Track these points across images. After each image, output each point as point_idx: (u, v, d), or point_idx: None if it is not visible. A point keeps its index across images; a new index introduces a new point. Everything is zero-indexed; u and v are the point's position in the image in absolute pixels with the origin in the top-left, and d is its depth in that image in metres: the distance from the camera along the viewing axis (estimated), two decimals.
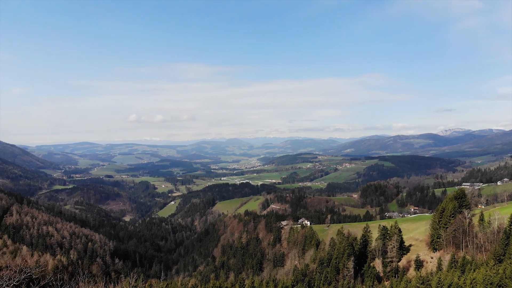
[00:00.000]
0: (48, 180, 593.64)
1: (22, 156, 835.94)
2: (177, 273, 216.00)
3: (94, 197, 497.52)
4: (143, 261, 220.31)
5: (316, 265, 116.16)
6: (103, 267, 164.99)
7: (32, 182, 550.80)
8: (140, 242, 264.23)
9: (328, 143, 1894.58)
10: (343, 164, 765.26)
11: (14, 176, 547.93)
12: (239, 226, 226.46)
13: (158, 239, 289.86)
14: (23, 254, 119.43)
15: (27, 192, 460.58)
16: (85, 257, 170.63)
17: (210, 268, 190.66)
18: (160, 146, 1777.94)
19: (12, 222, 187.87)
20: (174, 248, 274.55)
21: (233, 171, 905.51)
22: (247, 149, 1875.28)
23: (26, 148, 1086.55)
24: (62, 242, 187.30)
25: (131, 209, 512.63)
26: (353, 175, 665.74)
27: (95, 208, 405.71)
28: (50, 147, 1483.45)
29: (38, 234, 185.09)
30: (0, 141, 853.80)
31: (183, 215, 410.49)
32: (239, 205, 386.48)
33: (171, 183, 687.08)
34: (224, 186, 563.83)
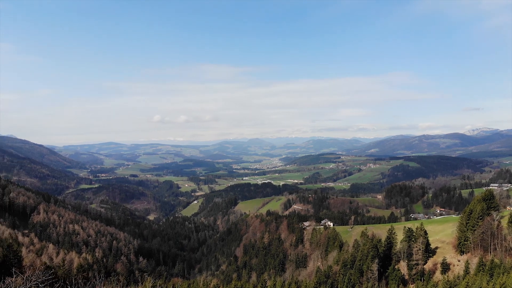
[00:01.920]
0: (74, 180, 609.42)
1: (49, 156, 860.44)
2: (200, 272, 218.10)
3: (119, 196, 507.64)
4: (166, 260, 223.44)
5: (340, 267, 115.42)
6: (128, 266, 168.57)
7: (59, 181, 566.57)
8: (164, 241, 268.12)
9: (352, 143, 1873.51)
10: (367, 164, 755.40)
11: (42, 176, 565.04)
12: (261, 226, 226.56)
13: (181, 238, 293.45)
14: (49, 252, 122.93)
15: (54, 191, 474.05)
16: (110, 255, 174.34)
17: (233, 268, 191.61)
18: (183, 146, 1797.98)
19: (39, 220, 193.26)
20: (197, 247, 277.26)
21: (254, 171, 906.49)
22: (269, 149, 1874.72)
23: (54, 148, 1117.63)
24: (87, 240, 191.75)
25: (155, 208, 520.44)
26: (377, 176, 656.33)
27: (120, 207, 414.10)
28: (77, 147, 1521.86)
29: (65, 233, 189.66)
30: (28, 141, 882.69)
31: (206, 214, 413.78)
32: (261, 205, 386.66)
33: (194, 182, 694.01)
34: (246, 186, 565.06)
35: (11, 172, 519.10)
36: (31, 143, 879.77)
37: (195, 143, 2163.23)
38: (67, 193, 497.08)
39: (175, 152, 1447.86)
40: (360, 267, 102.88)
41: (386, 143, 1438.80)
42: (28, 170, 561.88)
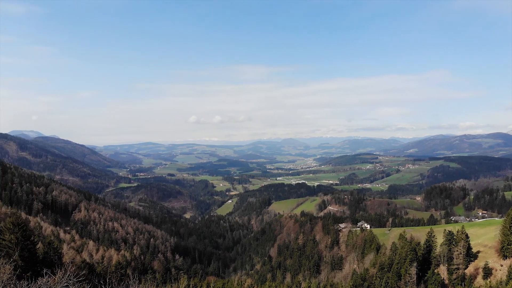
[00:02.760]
0: (114, 179, 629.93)
1: (90, 156, 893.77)
2: (234, 271, 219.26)
3: (157, 195, 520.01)
4: (202, 258, 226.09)
5: (376, 270, 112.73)
6: (164, 263, 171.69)
7: (100, 180, 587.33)
8: (200, 239, 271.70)
9: (390, 143, 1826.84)
10: (406, 165, 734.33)
11: (83, 175, 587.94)
12: (295, 226, 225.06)
13: (216, 236, 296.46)
14: (90, 248, 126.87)
15: (95, 189, 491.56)
16: (147, 252, 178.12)
17: (267, 268, 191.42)
18: (218, 146, 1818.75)
19: (80, 218, 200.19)
20: (231, 246, 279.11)
21: (288, 171, 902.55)
22: (303, 149, 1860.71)
23: (95, 148, 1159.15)
24: (126, 237, 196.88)
25: (191, 206, 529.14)
26: (416, 177, 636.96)
27: (157, 205, 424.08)
28: (117, 147, 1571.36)
29: (104, 230, 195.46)
30: (70, 142, 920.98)
31: (240, 213, 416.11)
32: (295, 206, 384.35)
33: (228, 182, 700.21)
34: (279, 186, 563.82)
35: (54, 171, 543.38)
36: (73, 143, 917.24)
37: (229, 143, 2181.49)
38: (107, 192, 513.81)
39: (210, 152, 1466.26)
40: (397, 271, 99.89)
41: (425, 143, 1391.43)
42: (70, 169, 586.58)
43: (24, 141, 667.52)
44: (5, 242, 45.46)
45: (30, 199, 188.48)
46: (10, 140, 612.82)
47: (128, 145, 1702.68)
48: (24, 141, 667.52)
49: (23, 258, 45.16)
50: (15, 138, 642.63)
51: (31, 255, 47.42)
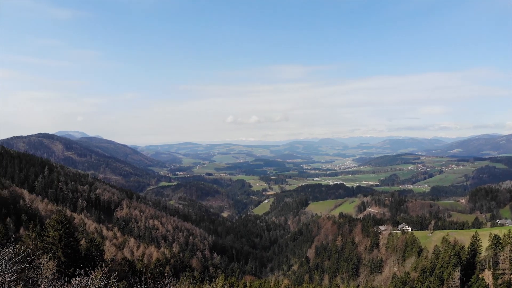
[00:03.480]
0: (155, 177, 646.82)
1: (132, 155, 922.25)
2: (271, 271, 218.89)
3: (196, 194, 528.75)
4: (239, 257, 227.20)
5: (418, 274, 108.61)
6: (202, 261, 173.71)
7: (141, 179, 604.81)
8: (237, 238, 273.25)
9: (432, 143, 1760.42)
10: (449, 165, 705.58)
11: (126, 174, 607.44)
12: (333, 228, 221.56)
13: (253, 236, 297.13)
14: (131, 245, 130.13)
15: (137, 188, 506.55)
16: (186, 250, 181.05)
17: (304, 269, 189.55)
18: (254, 146, 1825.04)
19: (122, 215, 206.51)
20: (268, 246, 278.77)
21: (326, 172, 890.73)
22: (341, 149, 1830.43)
23: (136, 148, 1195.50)
24: (166, 235, 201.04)
25: (229, 205, 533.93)
26: (460, 178, 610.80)
27: (196, 203, 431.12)
28: (157, 147, 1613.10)
29: (145, 227, 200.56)
30: (113, 142, 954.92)
31: (277, 213, 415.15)
32: (333, 207, 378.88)
33: (265, 182, 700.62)
34: (317, 186, 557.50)
35: (98, 170, 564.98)
36: (116, 143, 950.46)
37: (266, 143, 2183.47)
38: (148, 190, 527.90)
39: (246, 152, 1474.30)
40: (440, 275, 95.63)
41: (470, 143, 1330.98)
42: (113, 168, 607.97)
43: (70, 141, 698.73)
44: (49, 239, 47.12)
45: (75, 197, 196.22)
46: (57, 140, 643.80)
47: (168, 145, 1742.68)
48: (70, 141, 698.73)
49: (66, 254, 46.62)
50: (61, 138, 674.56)
51: (73, 251, 48.89)
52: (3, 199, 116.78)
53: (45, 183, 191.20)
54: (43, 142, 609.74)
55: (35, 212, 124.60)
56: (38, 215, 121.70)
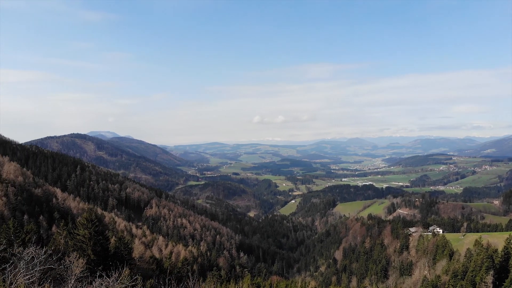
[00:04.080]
0: (183, 177, 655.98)
1: (162, 155, 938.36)
2: (298, 272, 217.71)
3: (223, 193, 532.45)
4: (266, 257, 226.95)
5: (449, 277, 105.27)
6: (229, 260, 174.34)
7: (170, 178, 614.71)
8: (263, 238, 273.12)
9: (465, 143, 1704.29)
10: (483, 166, 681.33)
11: (155, 173, 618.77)
12: (362, 230, 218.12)
13: (280, 236, 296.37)
14: (159, 244, 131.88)
15: (166, 187, 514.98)
16: (213, 249, 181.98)
17: (332, 271, 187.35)
18: (281, 146, 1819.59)
19: (151, 214, 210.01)
20: (295, 247, 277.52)
21: (354, 172, 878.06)
22: (370, 149, 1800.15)
23: (166, 147, 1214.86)
24: (193, 234, 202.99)
25: (255, 205, 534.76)
26: (494, 179, 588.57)
27: (223, 203, 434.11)
28: (186, 147, 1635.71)
29: (174, 226, 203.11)
30: (143, 142, 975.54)
31: (304, 214, 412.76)
32: (361, 208, 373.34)
33: (291, 182, 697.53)
34: (345, 187, 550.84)
35: (129, 169, 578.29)
36: (146, 143, 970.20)
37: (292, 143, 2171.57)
38: (177, 189, 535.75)
39: (273, 152, 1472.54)
40: (472, 279, 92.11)
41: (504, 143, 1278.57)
42: (143, 167, 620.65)
43: (101, 141, 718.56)
44: (79, 237, 48.14)
45: (106, 196, 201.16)
46: (89, 140, 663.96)
47: (196, 145, 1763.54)
48: (101, 141, 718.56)
49: (95, 252, 47.52)
50: (93, 139, 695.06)
51: (103, 249, 49.78)
52: (36, 197, 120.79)
53: (77, 182, 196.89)
54: (76, 142, 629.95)
55: (67, 210, 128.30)
56: (70, 213, 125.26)
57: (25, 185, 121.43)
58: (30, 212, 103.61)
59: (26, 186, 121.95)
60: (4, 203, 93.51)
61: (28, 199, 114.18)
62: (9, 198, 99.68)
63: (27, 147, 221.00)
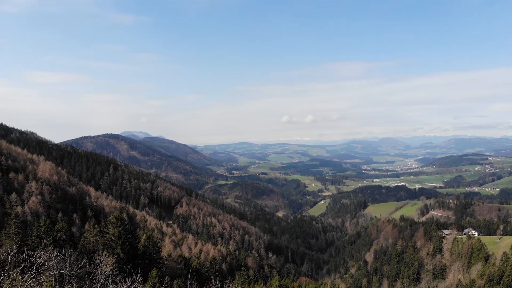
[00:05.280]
0: (213, 176, 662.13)
1: (192, 155, 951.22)
2: (328, 274, 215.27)
3: (251, 192, 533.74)
4: (295, 258, 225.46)
5: (484, 281, 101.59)
6: (258, 260, 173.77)
7: (200, 177, 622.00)
8: (292, 238, 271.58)
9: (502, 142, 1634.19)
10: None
11: (186, 172, 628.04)
12: (394, 232, 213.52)
13: (309, 237, 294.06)
14: (189, 242, 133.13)
15: (196, 186, 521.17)
16: (241, 248, 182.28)
17: (362, 273, 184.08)
18: (310, 145, 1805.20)
19: (181, 212, 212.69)
20: (324, 248, 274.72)
21: (386, 173, 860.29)
22: (403, 149, 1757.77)
23: (196, 147, 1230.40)
24: (222, 233, 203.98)
25: (284, 205, 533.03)
26: None
27: (251, 202, 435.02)
28: (215, 147, 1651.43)
29: (203, 224, 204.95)
30: (174, 142, 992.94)
31: (334, 215, 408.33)
32: (393, 210, 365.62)
33: (320, 182, 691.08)
34: (376, 188, 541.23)
35: (160, 168, 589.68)
36: (177, 143, 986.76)
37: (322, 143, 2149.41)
38: (206, 188, 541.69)
39: (301, 152, 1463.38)
40: (508, 283, 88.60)
41: None
42: (174, 167, 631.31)
43: (134, 141, 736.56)
44: (108, 235, 49.02)
45: (138, 194, 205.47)
46: (122, 140, 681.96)
47: (225, 145, 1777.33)
48: (134, 141, 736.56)
49: (124, 251, 48.22)
50: (126, 139, 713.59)
51: (132, 248, 50.51)
52: (70, 196, 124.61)
53: (110, 180, 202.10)
54: (109, 142, 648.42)
55: (100, 208, 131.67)
56: (102, 211, 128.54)
57: (59, 184, 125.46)
58: (64, 210, 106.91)
59: (60, 184, 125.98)
60: (39, 201, 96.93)
61: (63, 197, 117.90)
62: (44, 197, 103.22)
63: (62, 147, 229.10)
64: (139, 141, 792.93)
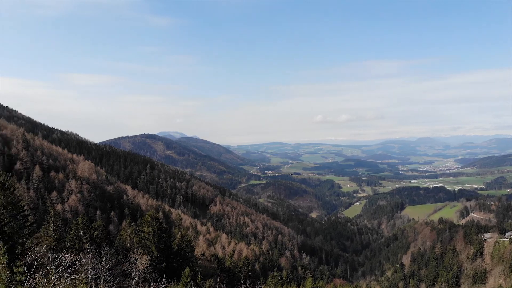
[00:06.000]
0: (246, 175, 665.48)
1: (225, 154, 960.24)
2: (363, 276, 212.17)
3: (284, 193, 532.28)
4: (329, 259, 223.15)
5: None
6: (291, 261, 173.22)
7: (233, 176, 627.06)
8: (326, 240, 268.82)
9: None
10: None
11: (219, 171, 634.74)
12: (432, 234, 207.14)
13: (343, 238, 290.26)
14: (222, 241, 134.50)
15: (229, 185, 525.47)
16: (275, 248, 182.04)
17: (399, 276, 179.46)
18: (344, 145, 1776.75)
19: (215, 211, 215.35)
20: (360, 250, 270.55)
21: (424, 173, 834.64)
22: (442, 149, 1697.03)
23: (229, 147, 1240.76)
24: (255, 232, 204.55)
25: (317, 206, 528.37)
26: None
27: (284, 202, 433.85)
28: (248, 146, 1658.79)
29: (236, 223, 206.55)
30: (209, 141, 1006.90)
31: (369, 217, 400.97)
32: (431, 212, 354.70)
33: (355, 183, 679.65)
34: (414, 189, 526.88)
35: (195, 168, 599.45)
36: (211, 143, 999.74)
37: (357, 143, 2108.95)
38: (239, 188, 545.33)
39: (336, 152, 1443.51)
40: None
41: None
42: (208, 166, 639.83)
43: (170, 141, 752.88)
44: (143, 234, 50.17)
45: (173, 193, 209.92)
46: (158, 140, 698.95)
47: (258, 145, 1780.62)
48: (170, 141, 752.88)
49: (158, 249, 49.21)
50: (162, 139, 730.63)
51: (166, 247, 51.44)
52: (108, 194, 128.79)
53: (147, 179, 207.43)
54: (146, 142, 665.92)
55: (137, 206, 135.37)
56: (139, 209, 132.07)
57: (98, 183, 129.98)
58: (102, 208, 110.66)
59: (99, 183, 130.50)
60: (78, 200, 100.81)
61: (101, 195, 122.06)
62: (83, 195, 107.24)
63: (101, 147, 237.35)
64: (174, 141, 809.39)
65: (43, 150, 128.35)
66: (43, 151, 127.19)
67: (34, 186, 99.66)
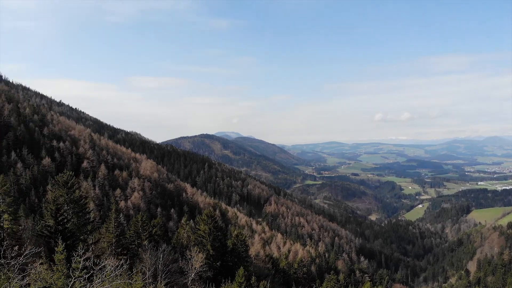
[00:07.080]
0: (301, 175, 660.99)
1: (280, 154, 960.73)
2: (424, 282, 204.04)
3: (341, 194, 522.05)
4: (388, 263, 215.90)
5: None
6: (348, 264, 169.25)
7: (288, 176, 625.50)
8: (386, 243, 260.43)
9: None
10: None
11: (274, 171, 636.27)
12: (500, 240, 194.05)
13: (404, 242, 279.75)
14: (277, 241, 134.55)
15: (284, 185, 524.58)
16: (331, 251, 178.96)
17: (463, 283, 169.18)
18: (406, 145, 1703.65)
19: (270, 211, 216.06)
20: (421, 254, 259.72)
21: (492, 175, 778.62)
22: None
23: (284, 147, 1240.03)
24: (311, 233, 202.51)
25: (377, 208, 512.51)
26: None
27: (341, 204, 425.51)
28: (303, 146, 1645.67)
29: (291, 224, 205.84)
30: (264, 141, 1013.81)
31: (432, 220, 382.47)
32: (500, 216, 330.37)
33: (418, 185, 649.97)
34: (481, 191, 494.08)
35: (250, 167, 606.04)
36: (266, 143, 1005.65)
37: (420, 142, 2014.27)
38: (294, 188, 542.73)
39: (397, 152, 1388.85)
40: None
41: None
42: (263, 166, 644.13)
43: (227, 141, 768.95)
44: (200, 232, 51.45)
45: (230, 192, 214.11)
46: (216, 140, 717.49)
47: (313, 145, 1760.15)
48: (227, 141, 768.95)
49: (214, 248, 50.20)
50: (219, 139, 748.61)
51: (221, 245, 52.40)
52: (169, 192, 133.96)
53: (205, 178, 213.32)
54: (205, 141, 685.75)
55: (195, 204, 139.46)
56: (197, 207, 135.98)
57: (159, 181, 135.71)
58: (162, 205, 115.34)
59: (160, 181, 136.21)
60: (140, 197, 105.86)
61: (162, 193, 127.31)
62: (145, 192, 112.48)
63: (163, 146, 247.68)
64: (231, 141, 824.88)
65: (108, 150, 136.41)
66: (108, 151, 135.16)
67: (100, 183, 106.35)
